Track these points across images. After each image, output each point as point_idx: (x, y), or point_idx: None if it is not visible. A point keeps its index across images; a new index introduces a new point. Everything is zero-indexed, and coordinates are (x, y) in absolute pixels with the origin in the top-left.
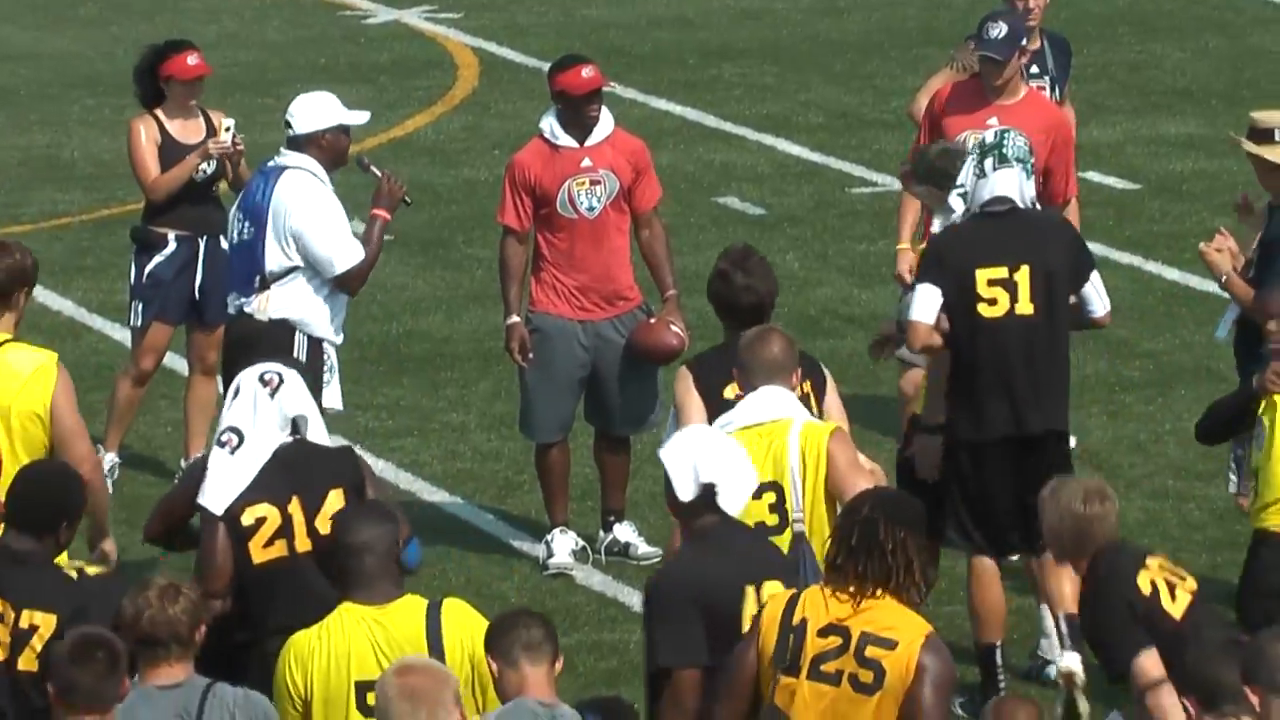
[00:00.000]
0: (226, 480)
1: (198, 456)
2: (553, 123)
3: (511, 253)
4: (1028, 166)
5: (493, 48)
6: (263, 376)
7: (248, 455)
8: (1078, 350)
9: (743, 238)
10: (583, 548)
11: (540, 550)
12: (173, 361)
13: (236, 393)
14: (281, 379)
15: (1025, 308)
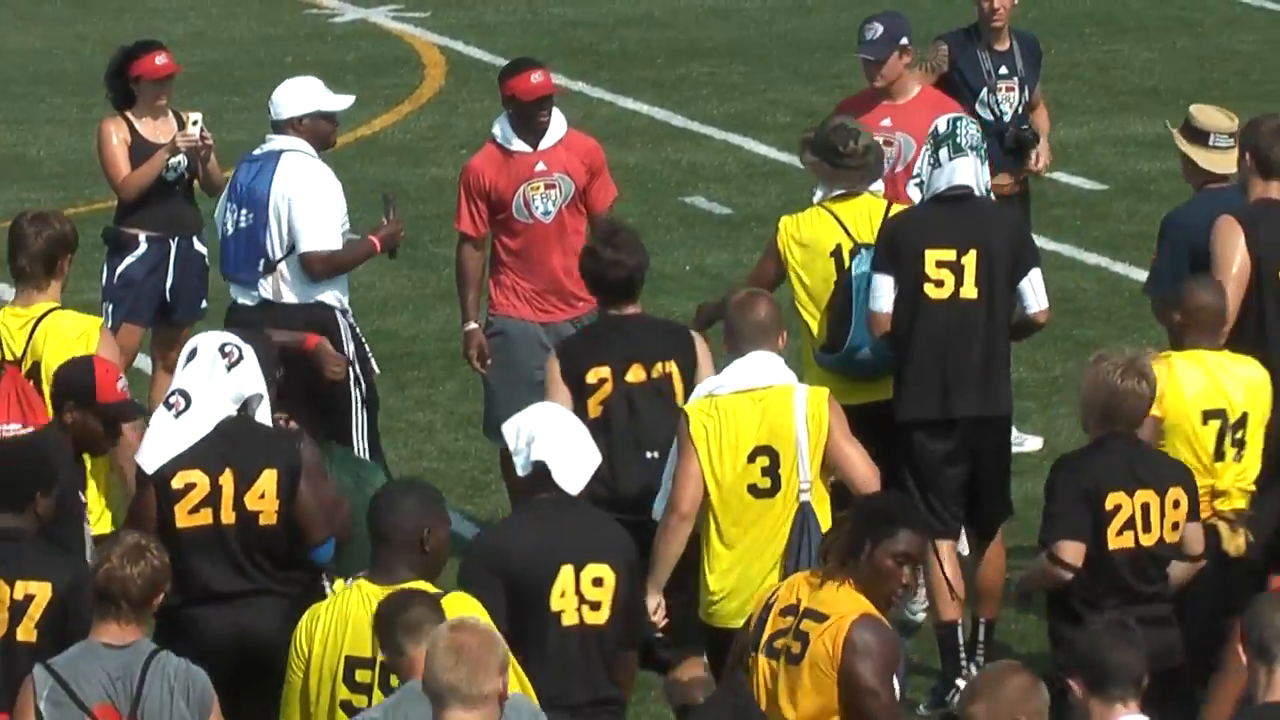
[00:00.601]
0: (165, 441)
1: None
2: (505, 127)
3: (468, 259)
4: (981, 154)
5: (459, 46)
6: (223, 347)
7: (191, 421)
8: (1047, 351)
9: (710, 237)
10: None
11: None
12: (142, 362)
13: (193, 355)
14: (241, 355)
15: (970, 291)
